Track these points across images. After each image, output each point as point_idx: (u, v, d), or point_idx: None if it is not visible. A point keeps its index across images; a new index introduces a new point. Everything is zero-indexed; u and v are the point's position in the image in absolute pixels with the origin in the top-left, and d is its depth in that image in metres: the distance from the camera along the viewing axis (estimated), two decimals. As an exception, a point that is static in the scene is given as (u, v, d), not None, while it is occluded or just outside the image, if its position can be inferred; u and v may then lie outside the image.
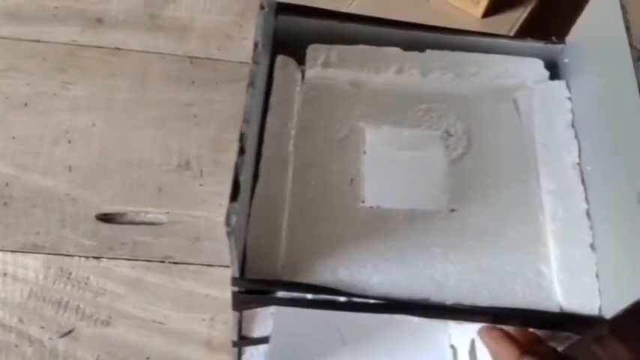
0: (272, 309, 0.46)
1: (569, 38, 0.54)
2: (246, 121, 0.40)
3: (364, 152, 0.50)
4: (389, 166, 0.50)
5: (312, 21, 0.53)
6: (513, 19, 0.69)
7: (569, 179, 0.49)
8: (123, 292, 0.59)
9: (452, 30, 0.54)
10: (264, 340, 0.50)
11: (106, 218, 0.61)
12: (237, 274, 0.41)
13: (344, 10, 0.66)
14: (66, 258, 0.60)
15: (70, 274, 0.59)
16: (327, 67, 0.52)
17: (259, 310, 0.45)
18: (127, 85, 0.68)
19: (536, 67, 0.54)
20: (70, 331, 0.57)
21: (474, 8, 0.69)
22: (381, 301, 0.42)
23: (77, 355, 0.56)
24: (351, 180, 0.48)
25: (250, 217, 0.45)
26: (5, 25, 0.70)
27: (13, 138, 0.64)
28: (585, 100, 0.51)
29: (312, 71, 0.52)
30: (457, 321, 0.44)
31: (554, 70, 0.55)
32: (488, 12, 0.69)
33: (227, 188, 0.62)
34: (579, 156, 0.50)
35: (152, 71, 0.69)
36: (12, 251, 0.60)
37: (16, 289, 0.58)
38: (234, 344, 0.49)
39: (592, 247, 0.46)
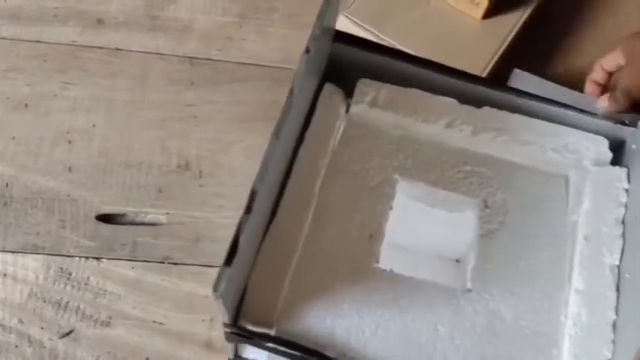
0: None
1: None
2: (261, 178, 0.37)
3: (391, 208, 0.46)
4: (413, 228, 0.47)
5: (367, 54, 0.49)
6: (514, 20, 0.69)
7: (603, 283, 0.44)
8: (123, 293, 0.59)
9: (516, 90, 0.50)
10: None
11: (106, 219, 0.61)
12: (227, 322, 0.39)
13: (345, 11, 0.66)
14: (66, 258, 0.60)
15: (70, 274, 0.59)
16: (374, 106, 0.49)
17: None
18: (127, 86, 0.68)
19: (598, 147, 0.49)
20: (70, 332, 0.57)
21: (474, 10, 0.69)
22: None
23: (77, 356, 0.56)
24: (370, 235, 0.45)
25: (258, 256, 0.43)
26: (6, 25, 0.70)
27: (14, 138, 0.64)
28: None
29: (358, 107, 0.49)
30: None
31: (618, 154, 0.50)
32: (489, 14, 0.69)
33: (227, 189, 0.63)
34: (621, 259, 0.45)
35: (152, 72, 0.69)
36: (12, 252, 0.60)
37: (16, 290, 0.58)
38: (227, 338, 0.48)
39: None
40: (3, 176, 0.63)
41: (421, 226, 0.48)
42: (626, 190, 0.48)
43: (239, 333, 0.41)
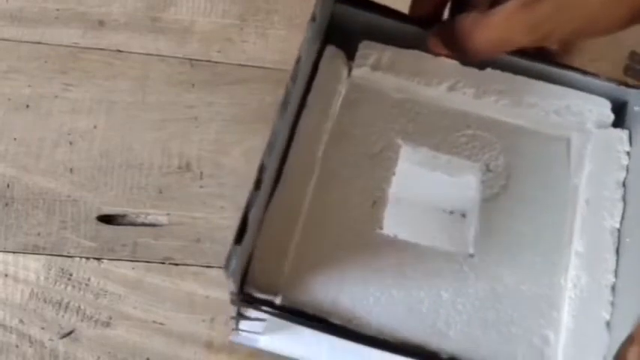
0: None
1: None
2: (269, 151, 0.37)
3: (394, 173, 0.47)
4: (416, 193, 0.47)
5: (370, 15, 0.48)
6: None
7: (603, 246, 0.45)
8: (123, 293, 0.59)
9: (518, 52, 0.49)
10: (261, 319, 0.50)
11: (106, 219, 0.62)
12: (234, 291, 0.40)
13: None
14: (67, 259, 0.60)
15: (71, 275, 0.59)
16: (377, 69, 0.48)
17: None
18: (128, 87, 0.68)
19: (601, 109, 0.48)
20: (71, 332, 0.57)
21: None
22: (374, 339, 0.41)
23: (77, 356, 0.56)
24: (374, 202, 0.45)
25: (263, 225, 0.43)
26: (7, 27, 0.70)
27: (15, 139, 0.65)
28: None
29: (360, 71, 0.48)
30: None
31: (620, 116, 0.49)
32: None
33: (228, 190, 0.63)
34: (621, 222, 0.45)
35: (153, 73, 0.69)
36: (13, 252, 0.60)
37: (16, 290, 0.58)
38: (233, 317, 0.48)
39: (608, 325, 0.43)
40: (4, 177, 0.63)
41: (424, 191, 0.48)
42: (628, 153, 0.47)
43: (245, 300, 0.41)
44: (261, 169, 0.37)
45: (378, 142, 0.47)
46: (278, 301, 0.42)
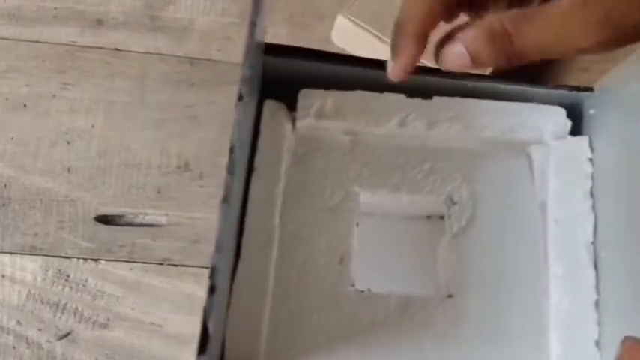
0: None
1: (598, 85, 0.46)
2: (218, 250, 0.34)
3: (357, 224, 0.45)
4: (383, 241, 0.46)
5: (304, 62, 0.46)
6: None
7: (579, 263, 0.43)
8: (121, 295, 0.58)
9: (461, 75, 0.47)
10: None
11: (104, 220, 0.61)
12: None
13: (346, 12, 0.66)
14: (64, 260, 0.59)
15: (69, 276, 0.59)
16: (321, 117, 0.46)
17: None
18: (127, 87, 0.68)
19: (556, 118, 0.46)
20: (68, 334, 0.57)
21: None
22: None
23: (75, 358, 0.56)
24: (341, 258, 0.43)
25: (230, 306, 0.41)
26: (5, 25, 0.69)
27: (12, 139, 0.64)
28: (610, 163, 0.44)
29: (304, 122, 0.46)
30: None
31: (578, 121, 0.47)
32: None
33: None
34: (594, 234, 0.44)
35: (152, 72, 0.69)
36: (10, 253, 0.59)
37: (14, 291, 0.58)
38: None
39: (597, 344, 0.42)
40: (1, 177, 0.62)
41: (391, 241, 0.46)
42: (590, 160, 0.46)
43: None
44: (213, 272, 0.34)
45: (335, 194, 0.45)
46: None
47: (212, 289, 0.34)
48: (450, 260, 0.44)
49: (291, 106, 0.46)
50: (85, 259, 0.59)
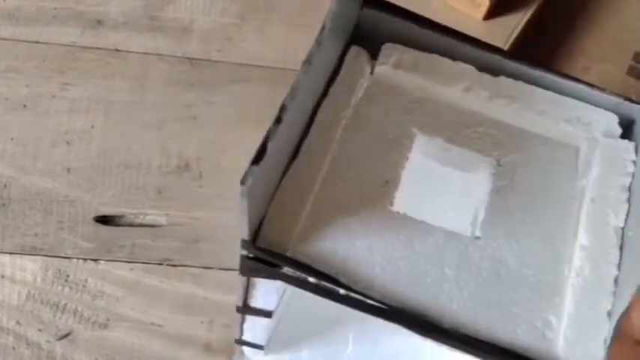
0: (278, 284, 0.45)
1: None
2: (291, 97, 0.40)
3: (407, 158, 0.48)
4: (428, 178, 0.49)
5: (395, 20, 0.52)
6: (516, 21, 0.69)
7: (607, 241, 0.46)
8: (121, 295, 0.58)
9: (532, 64, 0.52)
10: (267, 313, 0.50)
11: (104, 220, 0.61)
12: (246, 237, 0.41)
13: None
14: (64, 260, 0.59)
15: (68, 276, 0.59)
16: (398, 68, 0.51)
17: (264, 282, 0.44)
18: (127, 87, 0.68)
19: (609, 122, 0.51)
20: (68, 334, 0.57)
21: (476, 11, 0.69)
22: (378, 304, 0.42)
23: (75, 358, 0.56)
24: (387, 181, 0.47)
25: (278, 188, 0.45)
26: (5, 26, 0.70)
27: (12, 139, 0.64)
28: None
29: (382, 69, 0.51)
30: (450, 347, 0.43)
31: (628, 131, 0.52)
32: (490, 14, 0.69)
33: (227, 190, 0.62)
34: (625, 221, 0.47)
35: (152, 73, 0.69)
36: (10, 253, 0.59)
37: (13, 292, 0.58)
38: (239, 310, 0.49)
39: (609, 314, 0.44)
40: (1, 177, 0.62)
41: (435, 178, 0.49)
42: (634, 162, 0.50)
43: (256, 257, 0.42)
44: (282, 108, 0.39)
45: (394, 129, 0.50)
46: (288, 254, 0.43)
47: (278, 120, 0.39)
48: (485, 209, 0.47)
49: (374, 58, 0.52)
50: (85, 260, 0.59)
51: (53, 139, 0.64)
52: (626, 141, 0.51)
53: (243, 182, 0.37)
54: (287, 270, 0.42)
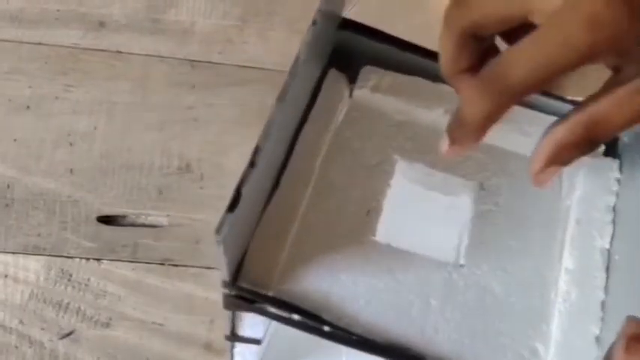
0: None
1: None
2: (265, 138, 0.39)
3: (389, 185, 0.47)
4: (410, 205, 0.48)
5: (373, 43, 0.50)
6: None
7: (593, 264, 0.45)
8: (123, 294, 0.59)
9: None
10: (256, 341, 0.50)
11: (106, 220, 0.62)
12: (226, 278, 0.40)
13: (346, 13, 0.66)
14: (67, 260, 0.60)
15: (71, 275, 0.59)
16: (377, 91, 0.50)
17: (250, 314, 0.44)
18: (129, 89, 0.68)
19: None
20: (71, 333, 0.57)
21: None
22: (363, 339, 0.41)
23: (77, 357, 0.56)
24: (368, 211, 0.46)
25: (259, 224, 0.44)
26: (7, 27, 0.70)
27: (15, 140, 0.65)
28: (636, 187, 0.47)
29: (361, 92, 0.50)
30: None
31: (612, 147, 0.50)
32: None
33: (227, 192, 0.63)
34: (611, 243, 0.46)
35: (153, 74, 0.69)
36: (13, 253, 0.60)
37: (16, 291, 0.59)
38: (227, 338, 0.49)
39: (597, 340, 0.43)
40: (4, 178, 0.63)
41: (418, 205, 0.49)
42: (618, 180, 0.48)
43: (238, 295, 0.41)
44: (256, 150, 0.38)
45: (375, 155, 0.48)
46: (270, 295, 0.42)
47: (252, 164, 0.38)
48: (468, 235, 0.46)
49: (352, 80, 0.51)
50: (88, 259, 0.60)
51: (56, 140, 0.65)
52: (609, 158, 0.49)
53: (217, 231, 0.36)
54: (269, 308, 0.41)
